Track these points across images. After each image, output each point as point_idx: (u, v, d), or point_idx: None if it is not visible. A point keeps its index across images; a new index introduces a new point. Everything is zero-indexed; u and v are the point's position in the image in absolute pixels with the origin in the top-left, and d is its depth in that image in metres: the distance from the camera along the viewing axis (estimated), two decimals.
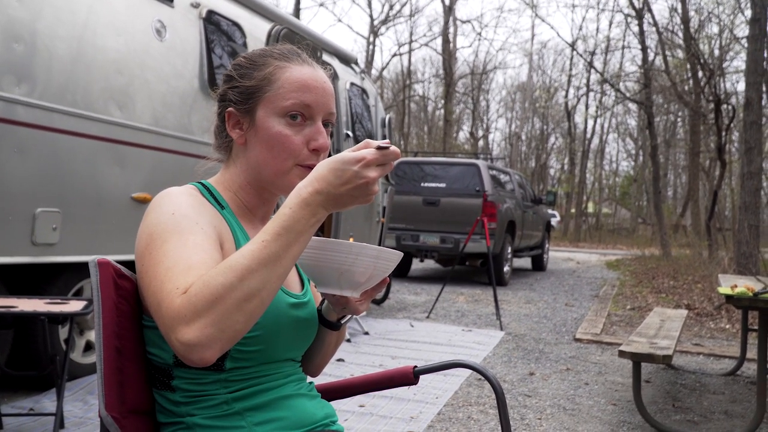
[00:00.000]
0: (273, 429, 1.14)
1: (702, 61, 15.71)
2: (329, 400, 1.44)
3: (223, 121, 1.23)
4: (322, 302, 1.34)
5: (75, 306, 2.87)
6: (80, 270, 3.73)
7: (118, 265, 1.16)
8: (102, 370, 1.05)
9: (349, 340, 5.39)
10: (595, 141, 37.02)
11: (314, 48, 5.58)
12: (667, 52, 19.15)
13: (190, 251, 1.01)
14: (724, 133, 14.05)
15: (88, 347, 3.89)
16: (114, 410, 1.05)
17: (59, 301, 2.99)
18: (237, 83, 1.21)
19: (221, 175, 1.26)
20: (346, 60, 6.63)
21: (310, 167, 1.18)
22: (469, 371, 4.49)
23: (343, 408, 3.56)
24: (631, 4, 17.11)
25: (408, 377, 1.46)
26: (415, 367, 1.47)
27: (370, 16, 30.99)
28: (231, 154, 1.25)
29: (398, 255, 1.15)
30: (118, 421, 1.05)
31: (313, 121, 1.19)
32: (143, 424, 1.12)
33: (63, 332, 3.68)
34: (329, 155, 1.11)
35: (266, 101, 1.18)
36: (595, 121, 34.29)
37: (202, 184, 1.22)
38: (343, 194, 0.98)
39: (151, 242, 1.04)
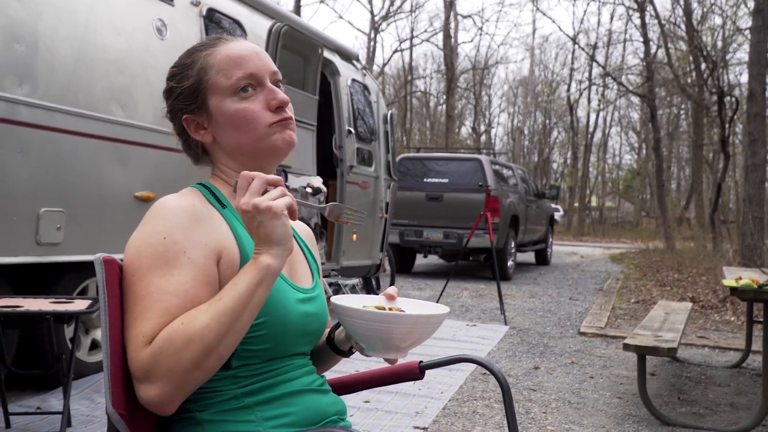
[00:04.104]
0: (283, 424, 1.13)
1: (705, 52, 15.65)
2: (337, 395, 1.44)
3: (184, 134, 1.24)
4: (334, 329, 1.35)
5: (80, 305, 2.88)
6: (85, 269, 3.74)
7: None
8: (108, 367, 1.05)
9: None
10: (598, 135, 36.98)
11: (317, 46, 5.58)
12: (670, 45, 19.09)
13: (170, 293, 1.04)
14: (727, 125, 14.01)
15: (94, 346, 3.90)
16: (121, 407, 1.05)
17: (64, 300, 2.99)
18: (178, 90, 1.21)
19: (215, 174, 1.26)
20: (348, 56, 6.63)
21: (283, 119, 1.19)
22: (474, 366, 4.50)
23: (349, 403, 3.55)
24: None
25: (414, 372, 1.46)
26: (421, 362, 1.47)
27: (371, 12, 30.99)
28: (210, 155, 1.25)
29: (441, 316, 1.15)
30: (125, 417, 1.05)
31: (262, 86, 1.20)
32: (151, 421, 1.12)
33: (69, 331, 3.69)
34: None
35: (211, 90, 1.19)
36: (598, 115, 34.25)
37: (204, 186, 1.22)
38: (262, 235, 1.04)
39: (138, 264, 1.07)
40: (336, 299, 1.15)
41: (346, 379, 1.49)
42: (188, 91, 1.20)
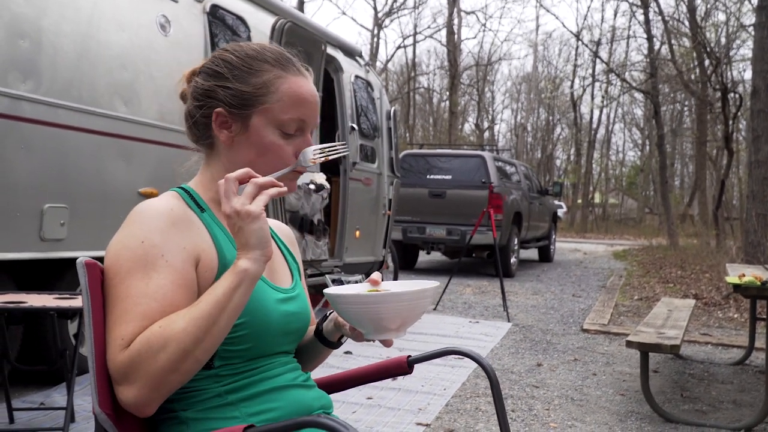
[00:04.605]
0: (267, 419, 1.14)
1: (708, 49, 15.61)
2: (328, 393, 1.45)
3: (206, 117, 1.21)
4: (323, 320, 1.35)
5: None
6: None
7: None
8: (94, 367, 1.06)
9: None
10: (601, 131, 36.89)
11: (321, 43, 5.57)
12: (673, 41, 19.03)
13: (149, 296, 1.05)
14: (731, 122, 13.98)
15: None
16: (107, 407, 1.06)
17: (68, 296, 3.00)
18: (230, 84, 1.19)
19: (202, 174, 1.26)
20: (351, 53, 6.62)
21: (297, 171, 1.21)
22: (475, 363, 4.49)
23: (351, 400, 3.58)
24: None
25: (402, 367, 1.47)
26: (409, 356, 1.48)
27: (374, 8, 30.88)
28: (212, 151, 1.24)
29: (425, 291, 1.14)
30: (112, 417, 1.07)
31: (302, 132, 1.22)
32: (137, 420, 1.13)
33: (72, 327, 3.70)
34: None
35: (263, 111, 1.18)
36: (601, 111, 34.16)
37: (184, 189, 1.22)
38: (241, 239, 1.05)
39: (117, 267, 1.08)
40: (327, 290, 1.16)
41: (336, 377, 1.50)
42: (241, 95, 1.18)
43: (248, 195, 1.04)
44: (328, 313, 1.35)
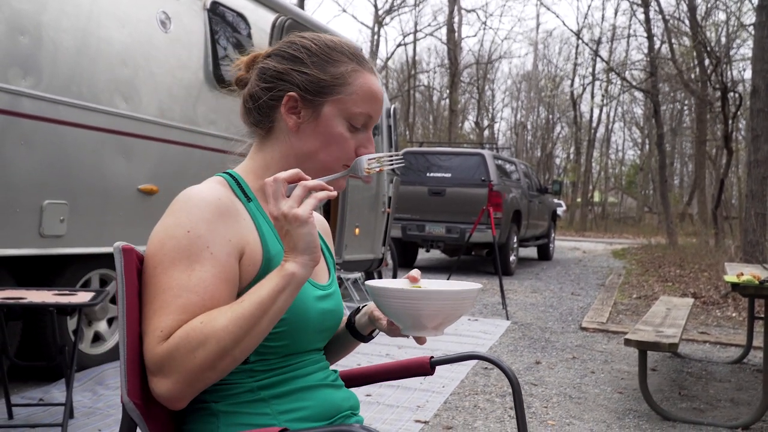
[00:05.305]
0: (297, 418, 1.14)
1: (708, 48, 15.60)
2: (347, 387, 1.45)
3: (273, 99, 1.19)
4: (355, 312, 1.35)
5: (83, 297, 2.89)
6: (88, 261, 3.75)
7: (142, 253, 1.16)
8: (125, 355, 1.05)
9: None
10: (601, 130, 36.87)
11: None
12: (674, 40, 19.02)
13: (190, 289, 1.04)
14: (730, 121, 13.98)
15: (97, 338, 3.91)
16: (136, 396, 1.05)
17: (67, 292, 3.01)
18: (307, 70, 1.18)
19: (252, 159, 1.23)
20: None
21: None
22: (475, 360, 4.50)
23: None
24: None
25: (424, 367, 1.46)
26: (432, 357, 1.47)
27: (375, 5, 30.85)
28: (271, 135, 1.22)
29: (469, 292, 1.14)
30: (140, 407, 1.06)
31: (366, 129, 1.22)
32: (165, 410, 1.12)
33: (71, 323, 3.70)
34: None
35: (337, 101, 1.18)
36: (601, 110, 34.15)
37: (231, 176, 1.20)
38: (289, 243, 1.03)
39: (161, 256, 1.06)
40: (370, 282, 1.16)
41: (357, 372, 1.49)
42: (318, 81, 1.18)
43: (297, 198, 1.01)
44: (362, 306, 1.34)
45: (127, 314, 1.06)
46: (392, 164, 1.20)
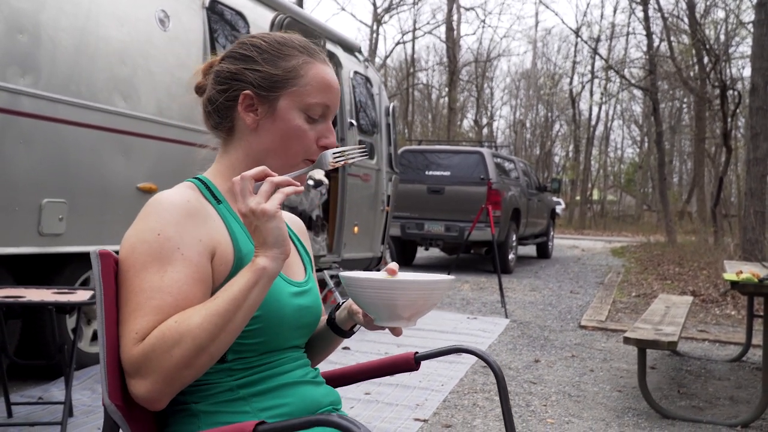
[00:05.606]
0: (277, 415, 1.14)
1: (707, 46, 15.60)
2: (333, 387, 1.45)
3: (230, 100, 1.22)
4: (335, 309, 1.35)
5: (82, 296, 2.89)
6: (87, 260, 3.75)
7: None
8: (105, 359, 1.06)
9: None
10: (600, 128, 36.90)
11: (320, 38, 5.56)
12: (673, 38, 19.02)
13: (163, 290, 1.05)
14: (729, 119, 13.98)
15: (96, 336, 3.91)
16: (117, 398, 1.06)
17: (66, 290, 3.00)
18: (259, 67, 1.20)
19: (218, 162, 1.26)
20: (350, 48, 6.61)
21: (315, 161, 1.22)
22: (474, 359, 4.51)
23: (349, 396, 3.58)
24: None
25: (409, 363, 1.47)
26: (416, 353, 1.48)
27: (374, 4, 30.81)
28: (233, 137, 1.24)
29: (444, 282, 1.16)
30: (122, 409, 1.06)
31: (325, 119, 1.23)
32: (147, 412, 1.13)
33: (71, 322, 3.70)
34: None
35: (291, 94, 1.19)
36: (600, 108, 34.18)
37: (200, 180, 1.22)
38: (259, 238, 1.04)
39: (133, 260, 1.08)
40: (344, 273, 1.17)
41: (343, 371, 1.50)
42: (270, 77, 1.19)
43: (264, 194, 1.03)
44: (342, 301, 1.35)
45: (105, 317, 1.07)
46: (356, 157, 1.21)
